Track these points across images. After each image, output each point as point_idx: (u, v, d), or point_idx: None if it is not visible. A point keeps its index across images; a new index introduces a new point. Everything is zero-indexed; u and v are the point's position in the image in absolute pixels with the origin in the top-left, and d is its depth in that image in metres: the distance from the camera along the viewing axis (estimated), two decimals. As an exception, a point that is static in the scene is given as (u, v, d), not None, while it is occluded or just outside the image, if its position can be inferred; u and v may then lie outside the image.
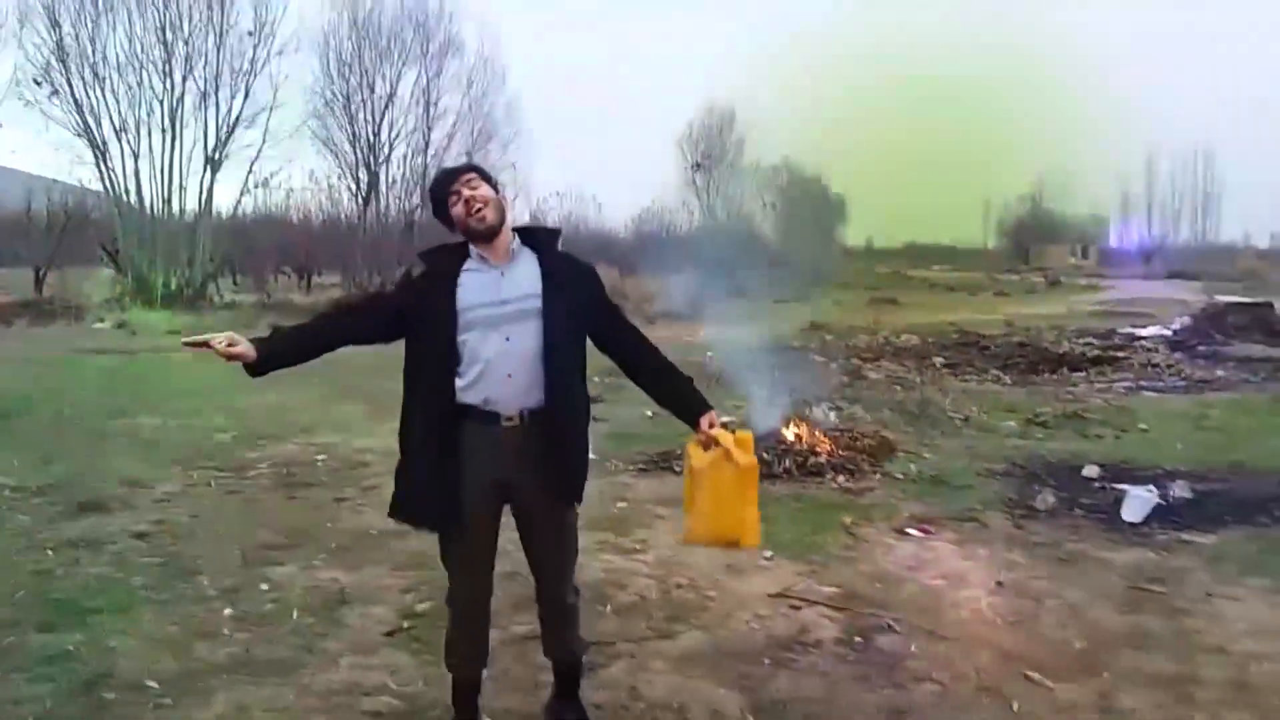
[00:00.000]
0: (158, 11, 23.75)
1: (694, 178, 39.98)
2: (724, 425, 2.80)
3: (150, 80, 24.02)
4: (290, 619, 3.89)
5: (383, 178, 28.26)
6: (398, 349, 2.73)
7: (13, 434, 7.64)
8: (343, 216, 29.12)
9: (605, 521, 5.23)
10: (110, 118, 23.67)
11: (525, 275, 2.64)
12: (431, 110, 28.42)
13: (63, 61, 23.06)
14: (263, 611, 3.97)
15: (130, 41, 23.77)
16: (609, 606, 4.01)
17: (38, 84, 22.81)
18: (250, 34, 24.48)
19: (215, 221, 25.64)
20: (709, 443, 2.69)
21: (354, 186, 28.14)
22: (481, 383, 2.57)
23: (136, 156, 23.92)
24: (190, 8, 24.02)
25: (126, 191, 23.98)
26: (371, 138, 27.70)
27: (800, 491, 5.93)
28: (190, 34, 24.09)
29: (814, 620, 3.87)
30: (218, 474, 6.41)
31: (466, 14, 28.44)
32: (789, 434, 6.80)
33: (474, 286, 2.60)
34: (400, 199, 28.83)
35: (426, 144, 28.59)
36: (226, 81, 24.53)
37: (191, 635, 3.69)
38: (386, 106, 27.71)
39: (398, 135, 28.15)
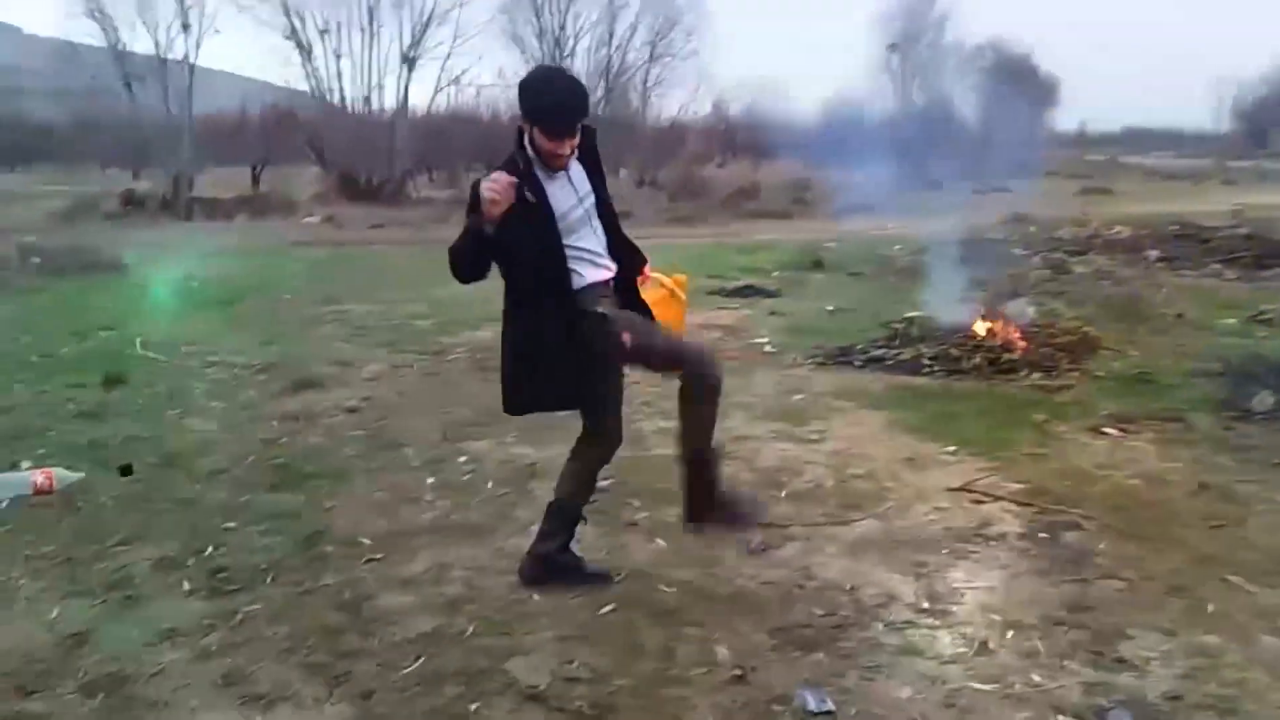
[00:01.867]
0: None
1: (889, 59, 37.96)
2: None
3: (349, -19, 24.93)
4: (485, 489, 4.17)
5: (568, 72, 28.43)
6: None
7: (237, 318, 8.42)
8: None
9: (781, 412, 5.24)
10: (314, 20, 24.86)
11: (579, 173, 2.98)
12: (615, 1, 28.20)
13: (271, -36, 24.24)
14: (461, 481, 4.27)
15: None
16: (784, 492, 4.05)
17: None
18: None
19: (411, 119, 26.68)
20: (649, 282, 3.33)
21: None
22: (582, 267, 2.95)
23: (339, 57, 25.11)
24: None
25: (329, 91, 25.28)
26: (557, 31, 27.81)
27: (990, 388, 5.71)
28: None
29: (996, 514, 3.77)
30: (419, 357, 6.85)
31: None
32: (981, 329, 6.53)
33: (557, 194, 2.90)
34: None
35: (610, 35, 28.50)
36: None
37: (398, 500, 4.03)
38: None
39: (582, 28, 28.16)
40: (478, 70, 27.43)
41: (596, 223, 3.01)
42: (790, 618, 2.96)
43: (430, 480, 4.26)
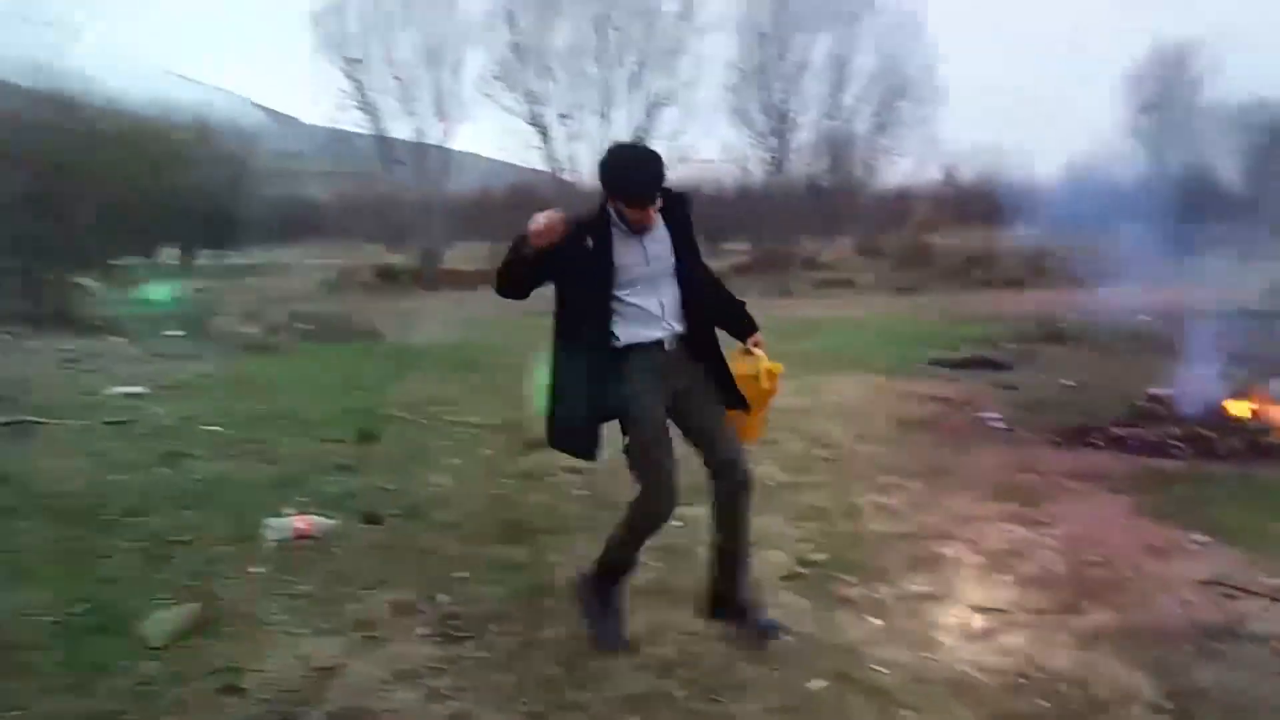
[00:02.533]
0: (595, 3, 26.20)
1: (1138, 122, 35.67)
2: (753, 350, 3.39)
3: (587, 69, 26.66)
4: (697, 554, 4.21)
5: (792, 143, 28.77)
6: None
7: (480, 381, 9.01)
8: (752, 185, 30.17)
9: (1010, 492, 4.98)
10: (554, 105, 26.73)
11: (661, 236, 3.14)
12: (843, 73, 28.36)
13: (517, 57, 26.38)
14: (677, 545, 4.34)
15: (572, 35, 26.56)
16: (1010, 576, 3.83)
17: (496, 79, 26.42)
18: (676, 17, 26.19)
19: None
20: (748, 355, 3.36)
21: (764, 155, 28.95)
22: (638, 324, 3.12)
23: (575, 139, 26.79)
24: (623, -1, 26.22)
25: (567, 170, 26.98)
26: (782, 106, 28.24)
27: (1248, 473, 5.18)
28: (622, 23, 26.30)
29: (1252, 612, 3.41)
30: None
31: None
32: (1238, 409, 5.96)
33: (625, 250, 3.09)
34: (808, 164, 29.20)
35: (836, 107, 28.63)
36: (653, 64, 26.49)
37: (614, 560, 4.14)
38: (799, 75, 28.06)
39: (809, 101, 28.48)
40: (705, 146, 28.26)
41: (665, 284, 3.15)
42: (1014, 708, 2.79)
43: (647, 542, 4.36)
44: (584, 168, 26.85)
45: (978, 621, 3.36)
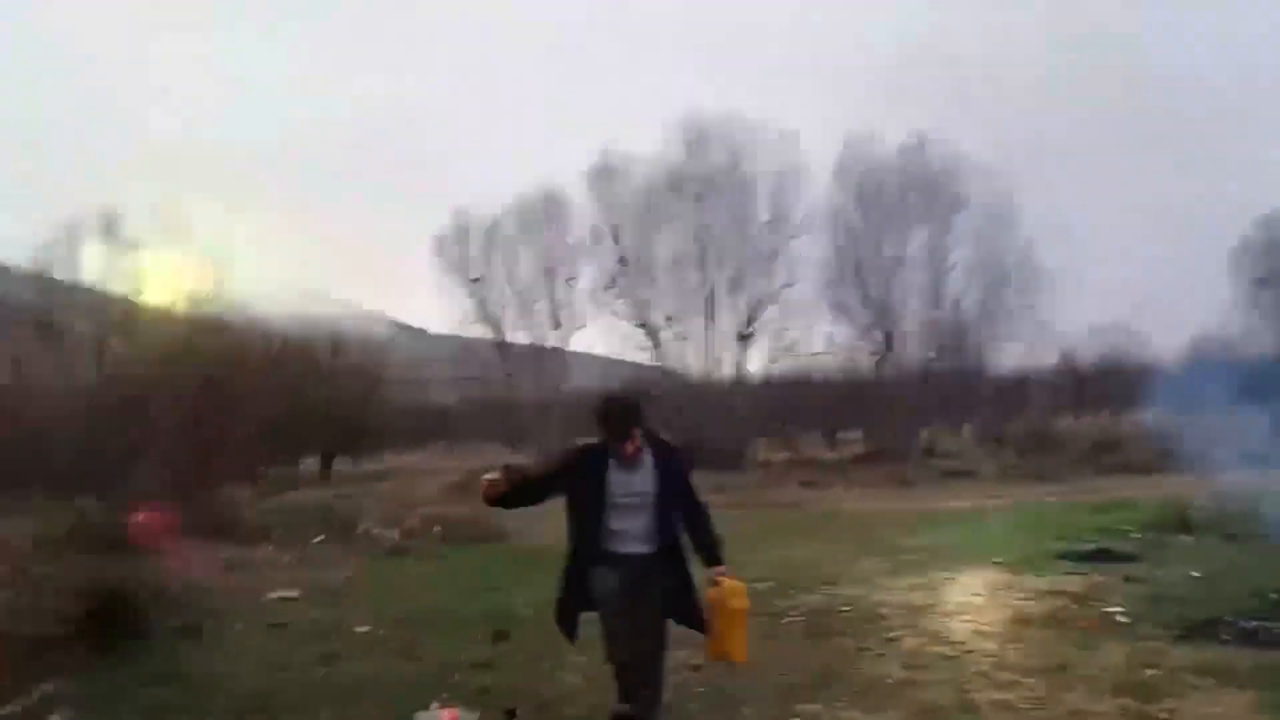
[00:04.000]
0: (693, 217, 28.09)
1: (1256, 296, 34.93)
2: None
3: (689, 275, 28.27)
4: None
5: (896, 334, 29.24)
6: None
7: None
8: (861, 375, 30.56)
9: (1129, 687, 4.99)
10: (660, 309, 28.30)
11: (646, 474, 4.00)
12: (941, 265, 29.04)
13: (624, 269, 28.27)
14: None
15: (673, 246, 28.40)
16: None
17: (605, 290, 28.35)
18: (768, 224, 27.76)
19: (749, 388, 28.67)
20: (715, 584, 4.04)
21: (869, 345, 29.48)
22: (618, 538, 3.96)
23: (682, 339, 28.12)
24: (719, 210, 28.03)
25: (675, 368, 28.16)
26: (882, 298, 28.96)
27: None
28: (719, 232, 28.03)
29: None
30: (756, 618, 7.25)
31: (971, 168, 28.60)
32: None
33: (618, 479, 3.95)
34: (915, 352, 29.53)
35: (938, 297, 29.15)
36: (751, 267, 27.90)
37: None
38: (896, 268, 28.89)
39: (909, 292, 29.13)
40: (809, 339, 29.13)
41: (647, 513, 3.98)
42: None
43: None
44: (692, 363, 28.08)
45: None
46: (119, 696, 5.52)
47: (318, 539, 13.77)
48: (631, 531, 3.98)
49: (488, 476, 3.95)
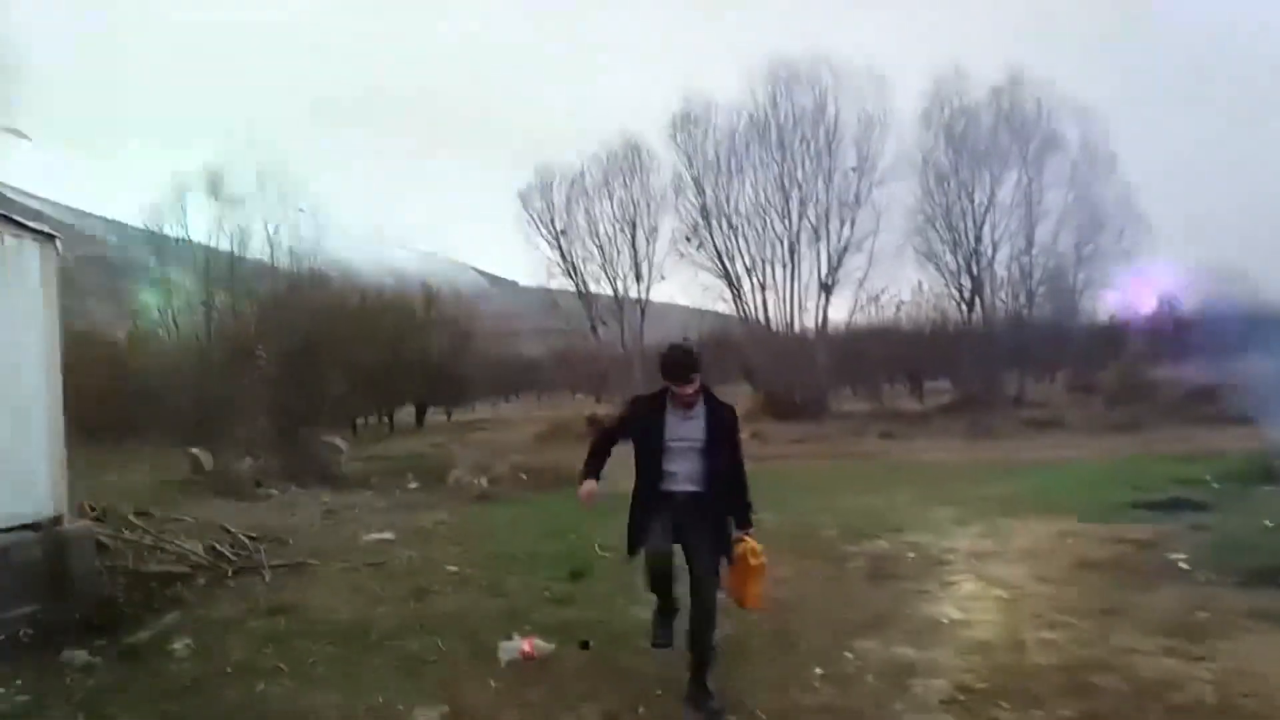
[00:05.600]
0: (777, 165, 27.92)
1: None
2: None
3: (772, 223, 28.21)
4: (866, 681, 4.71)
5: (986, 281, 28.70)
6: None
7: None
8: (949, 324, 30.13)
9: (1176, 628, 5.16)
10: (742, 258, 28.30)
11: (699, 423, 4.52)
12: (1034, 209, 28.29)
13: (705, 219, 28.30)
14: (846, 674, 4.85)
15: (756, 194, 28.28)
16: (1159, 704, 4.09)
17: (688, 240, 28.39)
18: (854, 170, 27.35)
19: (831, 338, 28.56)
20: (739, 543, 4.59)
21: (957, 293, 29.01)
22: (673, 479, 4.51)
23: (764, 288, 28.18)
24: (803, 157, 27.79)
25: (756, 318, 28.17)
26: (973, 244, 28.41)
27: None
28: (803, 179, 27.78)
29: None
30: (822, 562, 7.56)
31: (1066, 108, 27.66)
32: None
33: (674, 425, 4.50)
34: (1005, 300, 28.97)
35: (1030, 243, 28.46)
36: (835, 215, 27.64)
37: (789, 682, 4.72)
38: (986, 212, 28.28)
39: (1000, 238, 28.51)
40: (896, 287, 28.71)
41: (694, 457, 4.50)
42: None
43: (819, 670, 4.90)
44: (773, 313, 28.10)
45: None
46: (233, 626, 6.14)
47: (411, 485, 14.56)
48: (683, 473, 4.50)
49: (586, 489, 4.69)
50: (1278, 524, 7.85)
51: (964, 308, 29.02)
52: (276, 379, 20.06)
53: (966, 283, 28.71)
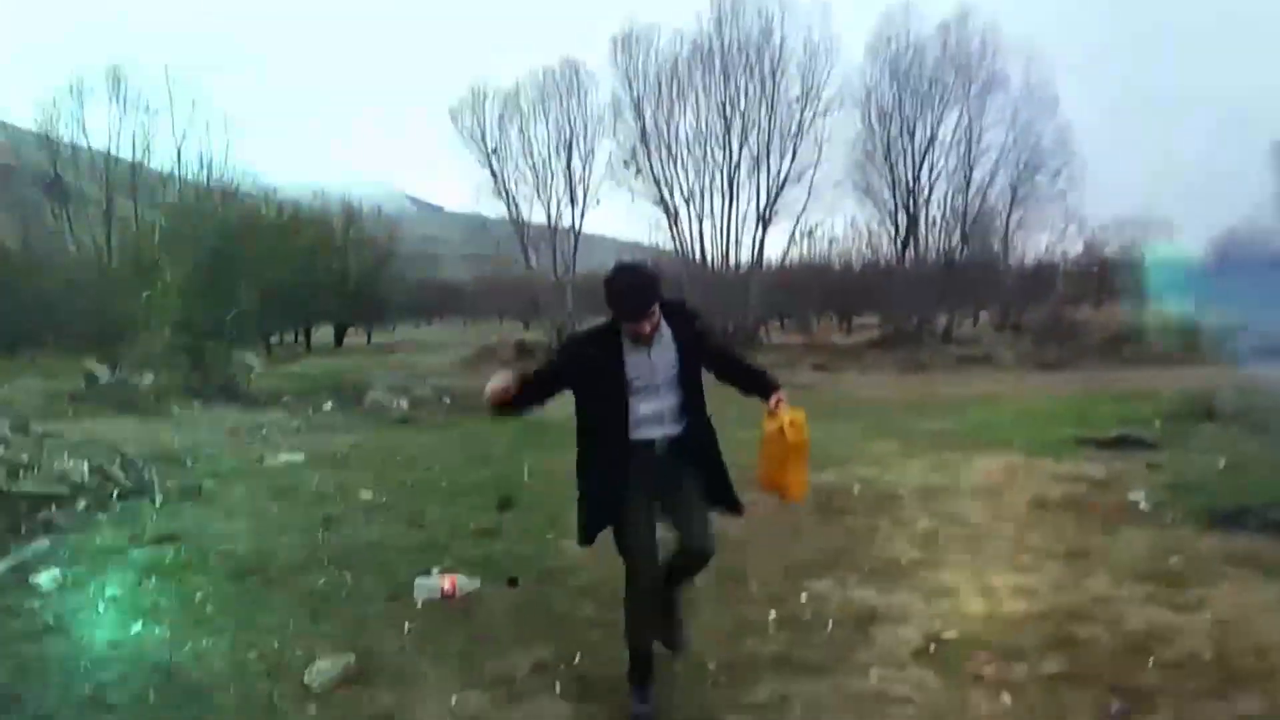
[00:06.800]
0: (719, 90, 27.01)
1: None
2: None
3: (712, 152, 27.39)
4: (825, 628, 4.24)
5: (922, 220, 28.52)
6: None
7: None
8: (881, 260, 29.99)
9: (1154, 574, 4.80)
10: (680, 188, 27.52)
11: (666, 349, 3.43)
12: (974, 149, 28.05)
13: (644, 144, 27.36)
14: (802, 619, 4.39)
15: (697, 121, 27.40)
16: (1151, 660, 3.71)
17: (625, 165, 27.47)
18: (798, 100, 26.66)
19: (765, 272, 28.16)
20: (775, 413, 3.45)
21: (892, 231, 28.80)
22: (643, 426, 3.42)
23: (701, 219, 27.45)
24: (746, 84, 26.95)
25: (692, 250, 27.57)
26: (911, 182, 28.11)
27: None
28: (746, 107, 26.98)
29: None
30: (765, 495, 7.10)
31: (1011, 48, 27.24)
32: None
33: (635, 363, 3.39)
34: (939, 239, 28.88)
35: (967, 182, 28.29)
36: (776, 146, 26.98)
37: (742, 630, 4.23)
38: (926, 150, 27.94)
39: (938, 177, 28.24)
40: (831, 223, 28.29)
41: (670, 391, 3.45)
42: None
43: (773, 615, 4.42)
44: (710, 247, 27.48)
45: (1113, 703, 3.28)
46: (112, 557, 5.44)
47: (326, 406, 13.73)
48: (655, 415, 3.43)
49: (495, 384, 3.41)
50: (1230, 464, 7.64)
51: (898, 244, 28.83)
52: (183, 291, 18.84)
53: (903, 219, 28.46)
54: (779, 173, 27.21)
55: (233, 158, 27.51)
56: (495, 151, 29.27)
